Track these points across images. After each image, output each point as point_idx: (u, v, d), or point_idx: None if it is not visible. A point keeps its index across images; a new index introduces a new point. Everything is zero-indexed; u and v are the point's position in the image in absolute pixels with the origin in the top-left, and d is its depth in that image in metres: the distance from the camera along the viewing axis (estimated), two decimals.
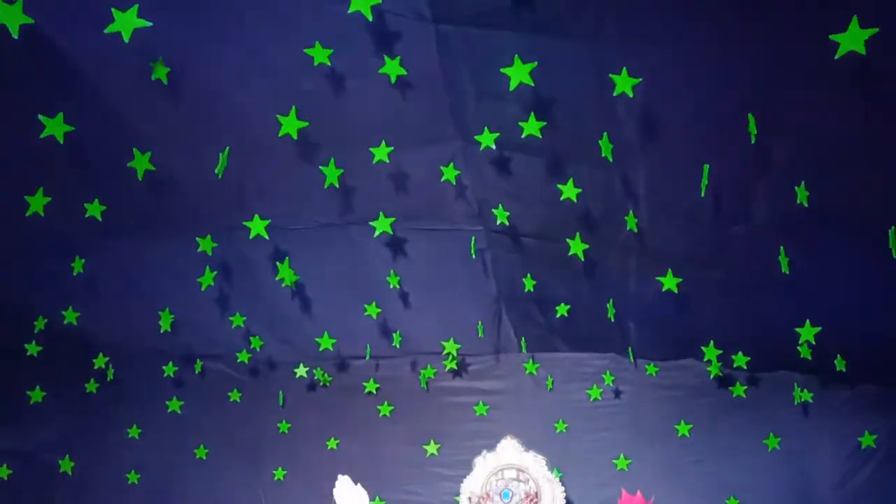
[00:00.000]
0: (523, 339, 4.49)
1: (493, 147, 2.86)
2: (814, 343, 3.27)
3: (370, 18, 2.20)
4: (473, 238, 3.45)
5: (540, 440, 3.72)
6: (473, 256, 3.54)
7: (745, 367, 3.75)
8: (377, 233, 3.23)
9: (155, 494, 4.93)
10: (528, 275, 3.67)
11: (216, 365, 4.96)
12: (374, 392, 4.78)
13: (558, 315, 3.97)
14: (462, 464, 3.65)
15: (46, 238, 3.61)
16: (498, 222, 3.22)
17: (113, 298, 4.14)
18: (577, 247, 3.12)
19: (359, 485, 3.65)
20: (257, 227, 2.99)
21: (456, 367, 4.79)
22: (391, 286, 3.85)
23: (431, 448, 4.77)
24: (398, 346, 4.33)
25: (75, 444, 4.98)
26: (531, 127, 2.63)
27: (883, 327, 3.41)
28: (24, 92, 2.68)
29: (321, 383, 4.89)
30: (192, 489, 4.92)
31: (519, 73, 2.37)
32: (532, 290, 3.68)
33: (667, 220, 3.24)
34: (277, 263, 3.19)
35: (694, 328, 3.93)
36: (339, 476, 3.69)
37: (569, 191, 2.90)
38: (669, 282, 3.19)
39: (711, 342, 3.57)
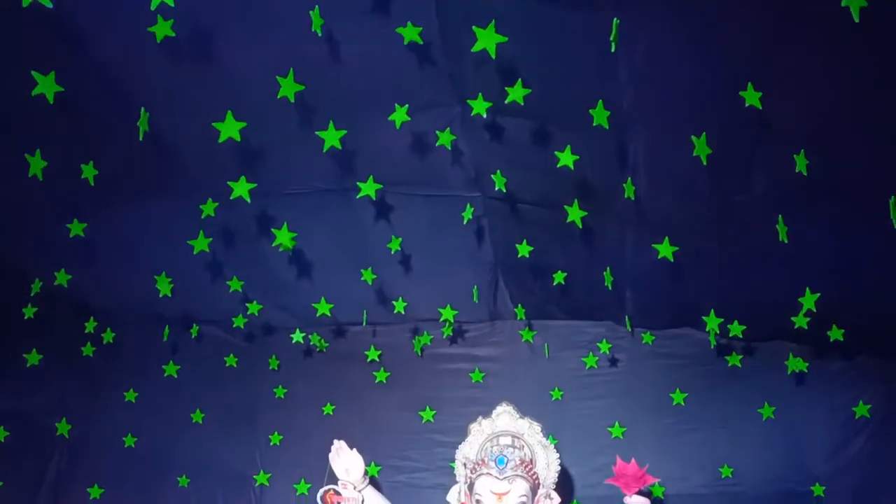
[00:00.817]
0: (520, 306, 4.49)
1: (484, 115, 2.83)
2: (814, 311, 3.26)
3: None
4: (468, 205, 3.43)
5: (535, 407, 3.72)
6: (465, 222, 3.51)
7: (741, 337, 3.75)
8: (360, 194, 3.21)
9: (152, 457, 4.95)
10: (525, 242, 3.65)
11: (212, 330, 4.97)
12: (378, 359, 4.79)
13: (555, 283, 3.97)
14: (457, 430, 3.65)
15: (43, 200, 3.60)
16: (496, 188, 3.20)
17: (109, 262, 4.13)
18: (574, 214, 3.10)
19: (354, 450, 3.65)
20: (241, 188, 2.95)
21: (452, 334, 4.80)
22: (388, 252, 3.84)
23: (427, 414, 4.79)
24: (402, 312, 4.34)
25: (72, 407, 5.00)
26: (516, 93, 2.60)
27: (880, 297, 3.40)
28: (23, 51, 2.66)
29: (317, 349, 4.90)
30: (189, 453, 4.94)
31: (487, 39, 2.32)
32: (528, 256, 3.66)
33: (665, 188, 3.23)
34: (274, 230, 3.17)
35: (691, 297, 3.92)
36: (336, 441, 3.69)
37: (566, 158, 2.88)
38: (666, 250, 3.17)
39: (711, 311, 3.55)
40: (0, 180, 3.38)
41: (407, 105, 2.89)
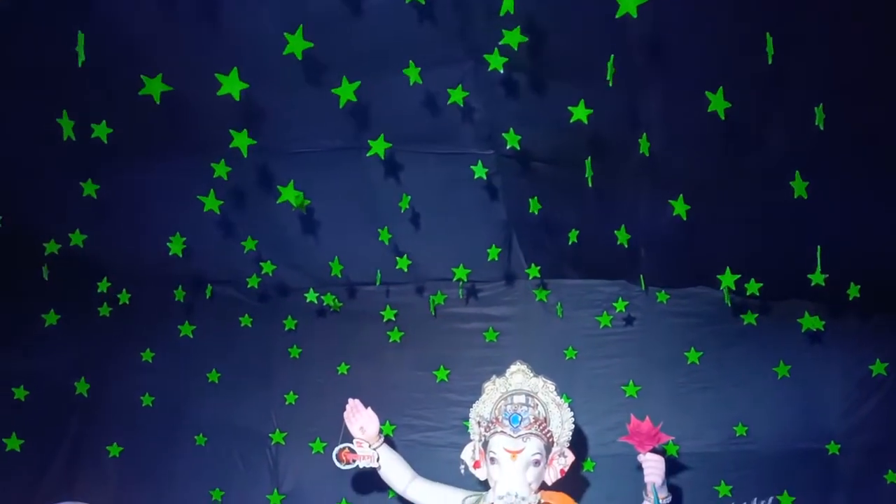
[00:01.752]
0: (533, 265, 4.47)
1: (501, 70, 2.80)
2: (827, 271, 3.23)
3: None
4: (480, 162, 3.40)
5: (549, 367, 3.73)
6: (482, 177, 3.46)
7: (757, 295, 3.72)
8: (370, 153, 3.18)
9: (169, 417, 5.00)
10: (538, 200, 3.62)
11: (226, 290, 4.98)
12: (393, 318, 4.80)
13: (569, 241, 3.94)
14: (471, 389, 3.67)
15: (56, 161, 3.60)
16: (508, 146, 3.16)
17: (122, 223, 4.13)
18: (588, 171, 3.07)
19: (369, 408, 3.67)
20: (241, 141, 2.92)
21: (466, 294, 4.80)
22: (401, 211, 3.82)
23: (441, 374, 4.81)
24: (412, 272, 4.31)
25: (90, 366, 5.03)
26: (511, 38, 2.56)
27: None
28: (33, 14, 2.65)
29: (331, 309, 4.91)
30: (206, 412, 4.98)
31: None
32: (541, 215, 3.63)
33: (680, 144, 3.19)
34: (280, 187, 3.14)
35: (706, 255, 3.90)
36: (350, 400, 3.71)
37: (580, 112, 2.84)
38: (680, 207, 3.14)
39: (727, 269, 3.52)
40: (15, 141, 3.39)
41: (417, 61, 2.85)
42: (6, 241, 4.07)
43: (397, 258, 4.26)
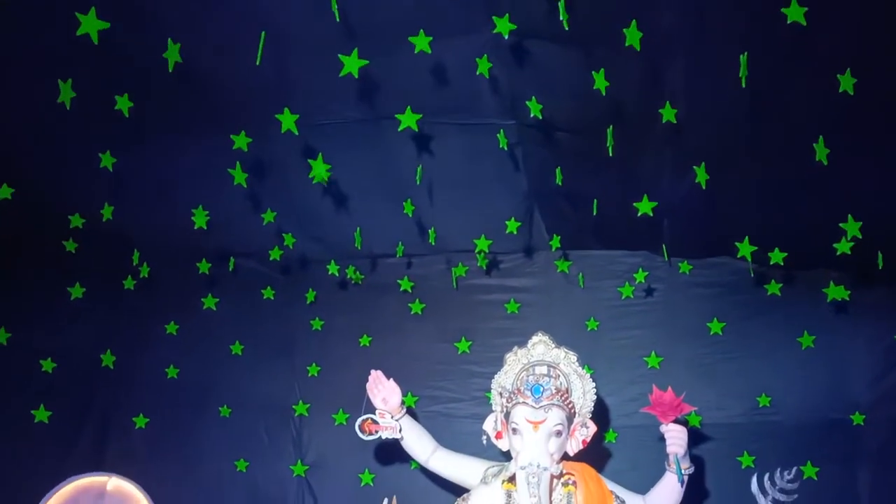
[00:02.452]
0: (555, 236, 4.45)
1: (506, 36, 2.76)
2: (860, 237, 3.19)
3: None
4: (502, 132, 3.37)
5: (571, 338, 3.70)
6: (504, 148, 3.43)
7: (781, 264, 3.69)
8: (402, 126, 3.15)
9: (193, 388, 5.05)
10: (561, 170, 3.59)
11: (249, 263, 5.00)
12: (410, 290, 4.80)
13: (591, 212, 3.92)
14: (493, 361, 3.66)
15: (80, 134, 3.62)
16: (531, 115, 3.13)
17: (146, 195, 4.15)
18: (610, 140, 3.04)
19: (391, 380, 3.68)
20: (288, 121, 2.93)
21: (487, 265, 4.79)
22: (422, 183, 3.80)
23: (463, 345, 4.82)
24: (433, 244, 4.30)
25: (115, 339, 5.09)
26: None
27: None
28: None
29: (353, 281, 4.92)
30: (230, 384, 5.02)
31: None
32: (564, 185, 3.60)
33: (704, 112, 3.16)
34: (310, 161, 3.14)
35: (729, 225, 3.86)
36: (373, 371, 3.72)
37: (600, 81, 2.81)
38: (702, 175, 3.11)
39: (747, 238, 3.49)
40: (39, 115, 3.40)
41: (430, 31, 2.81)
42: (31, 215, 4.11)
43: (426, 231, 4.25)
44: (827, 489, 4.37)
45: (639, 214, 3.55)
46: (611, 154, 3.07)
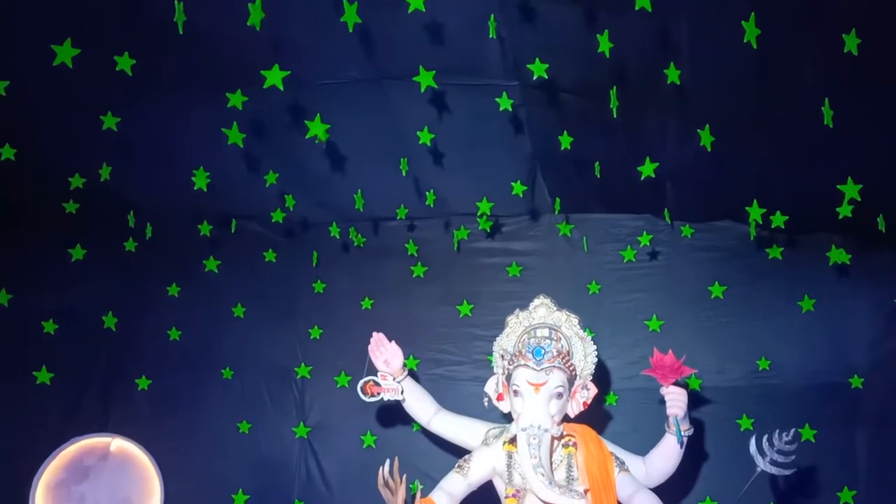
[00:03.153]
0: (558, 199, 4.43)
1: None
2: (859, 200, 3.17)
3: None
4: (505, 92, 3.34)
5: (573, 301, 3.70)
6: (508, 109, 3.39)
7: (783, 228, 3.68)
8: (423, 88, 3.07)
9: (196, 350, 5.07)
10: (565, 132, 3.56)
11: (251, 225, 5.00)
12: (415, 254, 4.80)
13: (594, 175, 3.90)
14: (495, 324, 3.65)
15: (79, 94, 3.59)
16: (535, 77, 3.10)
17: (146, 156, 4.13)
18: (613, 102, 3.01)
19: (393, 342, 3.69)
20: (274, 77, 2.88)
21: (489, 228, 4.78)
22: (425, 144, 3.77)
23: (465, 308, 4.83)
24: (432, 206, 4.28)
25: (117, 301, 5.09)
26: None
27: None
28: None
29: (355, 244, 4.92)
30: (232, 346, 5.05)
31: None
32: (568, 147, 3.57)
33: (709, 74, 3.12)
34: (307, 122, 3.11)
35: (733, 188, 3.85)
36: (374, 333, 3.73)
37: (605, 43, 2.78)
38: (706, 138, 3.08)
39: (752, 202, 3.48)
40: (38, 75, 3.37)
41: None
42: (32, 177, 4.09)
43: (425, 193, 4.23)
44: (825, 451, 4.40)
45: (642, 178, 3.53)
46: (615, 116, 3.04)
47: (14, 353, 4.86)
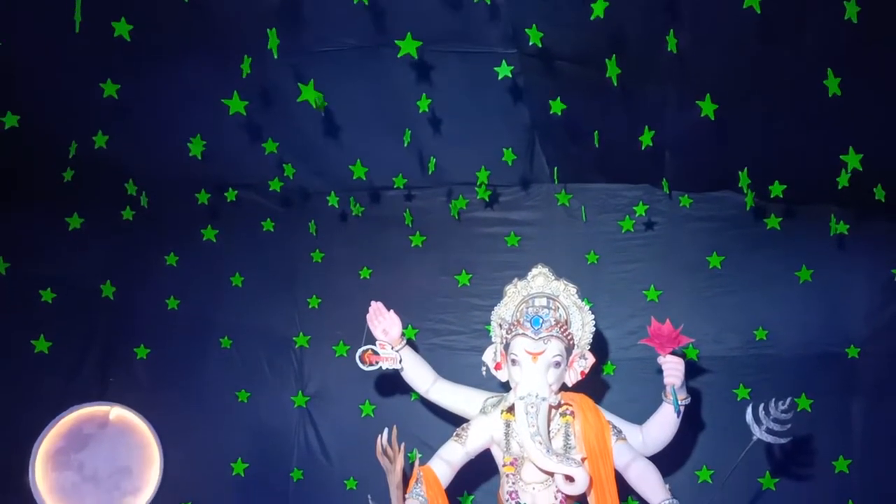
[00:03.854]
0: (556, 168, 4.42)
1: None
2: (860, 170, 3.16)
3: None
4: (504, 61, 3.32)
5: (571, 271, 3.70)
6: (507, 76, 3.35)
7: (782, 197, 3.67)
8: (401, 53, 3.09)
9: (195, 319, 5.08)
10: (562, 101, 3.54)
11: (249, 194, 4.97)
12: (410, 224, 4.79)
13: (592, 144, 3.88)
14: (493, 293, 3.66)
15: (76, 59, 3.56)
16: (531, 43, 3.07)
17: (144, 123, 4.09)
18: (612, 70, 2.99)
19: (392, 311, 3.69)
20: (272, 41, 2.85)
21: (488, 198, 4.76)
22: (423, 113, 3.74)
23: (463, 278, 4.83)
24: (431, 174, 4.26)
25: (115, 270, 5.08)
26: None
27: None
28: None
29: (353, 213, 4.91)
30: (230, 315, 5.05)
31: None
32: (564, 115, 3.55)
33: (709, 41, 3.10)
34: (300, 85, 3.08)
35: (732, 158, 3.83)
36: (373, 302, 3.73)
37: (599, 7, 2.75)
38: (707, 107, 3.07)
39: (745, 171, 3.47)
40: (33, 40, 3.35)
41: None
42: (30, 144, 4.06)
43: (424, 162, 4.21)
44: (820, 420, 4.44)
45: (643, 148, 3.51)
46: (615, 84, 3.02)
47: (12, 322, 4.85)
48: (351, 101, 3.88)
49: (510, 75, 3.29)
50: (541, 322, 3.33)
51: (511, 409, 3.34)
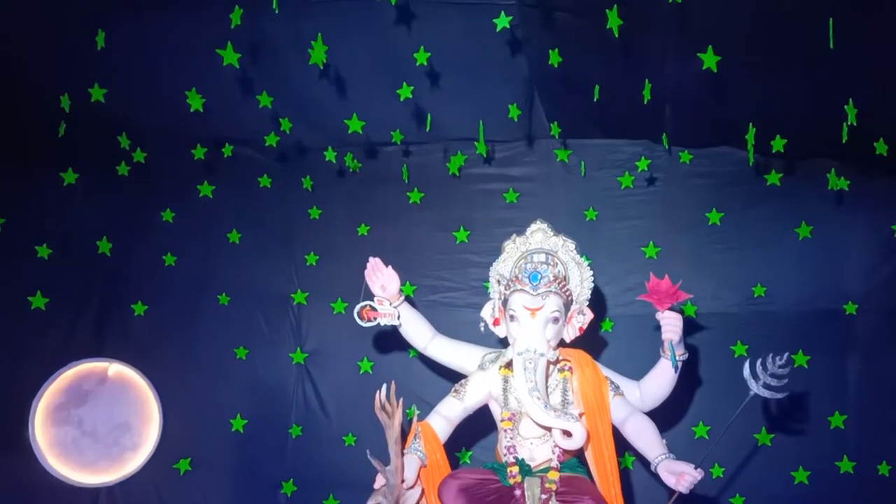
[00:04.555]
0: (555, 123, 4.37)
1: None
2: (855, 125, 3.12)
3: None
4: (502, 12, 3.26)
5: (570, 228, 3.67)
6: (506, 27, 3.29)
7: (782, 152, 3.63)
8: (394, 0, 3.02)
9: (192, 276, 5.08)
10: (559, 53, 3.48)
11: (245, 150, 4.94)
12: (408, 181, 4.76)
13: (593, 98, 3.83)
14: (491, 251, 3.64)
15: (67, 11, 3.50)
16: None
17: (138, 76, 4.04)
18: (614, 21, 2.93)
19: (390, 267, 3.67)
20: None
21: (486, 154, 4.72)
22: (420, 66, 3.69)
23: (461, 235, 4.81)
24: (429, 130, 4.21)
25: (112, 225, 5.07)
26: None
27: None
28: None
29: (351, 169, 4.87)
30: (228, 272, 5.05)
31: None
32: (562, 68, 3.49)
33: None
34: (312, 42, 3.02)
35: (732, 113, 3.79)
36: (371, 258, 3.71)
37: None
38: (710, 60, 3.02)
39: (751, 126, 3.42)
40: None
41: None
42: (19, 98, 4.01)
43: (424, 117, 4.15)
44: (817, 377, 4.45)
45: (645, 102, 3.46)
46: (616, 35, 2.97)
47: (8, 278, 4.85)
48: (346, 54, 3.81)
49: (508, 27, 3.22)
50: (539, 278, 3.31)
51: (509, 365, 3.34)
